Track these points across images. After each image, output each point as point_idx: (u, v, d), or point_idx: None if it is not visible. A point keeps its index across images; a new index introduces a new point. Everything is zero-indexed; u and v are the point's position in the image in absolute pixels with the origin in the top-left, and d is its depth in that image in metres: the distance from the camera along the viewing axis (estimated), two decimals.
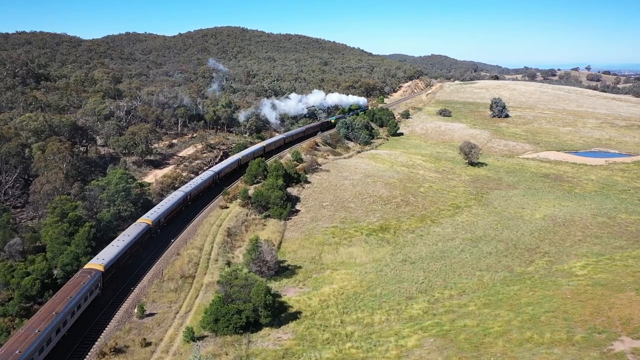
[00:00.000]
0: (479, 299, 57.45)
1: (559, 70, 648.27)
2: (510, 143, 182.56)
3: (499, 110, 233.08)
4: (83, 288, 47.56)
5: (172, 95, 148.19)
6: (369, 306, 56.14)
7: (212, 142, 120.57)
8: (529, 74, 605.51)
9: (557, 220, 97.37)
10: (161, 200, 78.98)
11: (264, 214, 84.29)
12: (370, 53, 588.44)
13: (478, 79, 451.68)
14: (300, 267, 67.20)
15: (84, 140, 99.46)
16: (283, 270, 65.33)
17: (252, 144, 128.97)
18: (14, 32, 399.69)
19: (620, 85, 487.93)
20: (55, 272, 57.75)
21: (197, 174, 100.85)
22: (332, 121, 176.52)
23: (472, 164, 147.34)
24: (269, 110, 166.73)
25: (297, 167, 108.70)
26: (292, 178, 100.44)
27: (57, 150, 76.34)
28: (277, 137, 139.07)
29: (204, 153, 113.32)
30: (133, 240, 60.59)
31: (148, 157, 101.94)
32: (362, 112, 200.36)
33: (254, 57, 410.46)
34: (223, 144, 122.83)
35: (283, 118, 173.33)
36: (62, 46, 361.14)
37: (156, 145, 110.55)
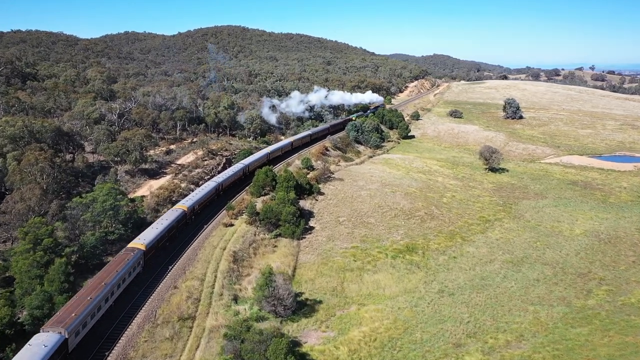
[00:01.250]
0: (544, 348, 46.86)
1: (562, 70, 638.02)
2: (529, 146, 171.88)
3: (513, 111, 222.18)
4: (127, 264, 51.98)
5: (171, 96, 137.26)
6: (410, 358, 45.49)
7: (213, 147, 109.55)
8: (533, 74, 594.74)
9: (601, 236, 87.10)
10: (155, 219, 70.36)
11: (274, 232, 73.53)
12: (373, 53, 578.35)
13: (483, 79, 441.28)
14: (320, 302, 56.51)
15: (71, 148, 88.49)
16: (301, 307, 54.62)
17: (257, 149, 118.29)
18: (9, 30, 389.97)
19: (626, 85, 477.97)
20: (23, 314, 47.09)
21: (197, 185, 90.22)
22: (353, 119, 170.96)
23: (492, 169, 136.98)
24: (267, 111, 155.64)
25: (309, 176, 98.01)
26: (304, 189, 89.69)
27: (34, 161, 65.53)
28: (304, 133, 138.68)
29: (205, 160, 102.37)
30: (170, 225, 64.19)
31: (142, 166, 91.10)
32: (371, 114, 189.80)
33: (255, 57, 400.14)
34: (226, 150, 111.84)
35: (288, 120, 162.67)
36: (58, 45, 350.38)
37: (152, 151, 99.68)
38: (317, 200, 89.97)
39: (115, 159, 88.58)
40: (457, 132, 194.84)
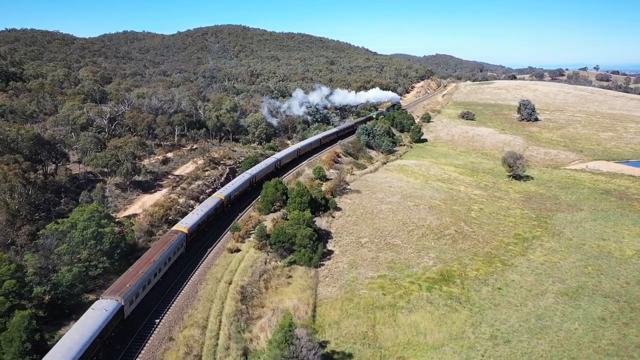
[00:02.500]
0: None
1: (566, 70, 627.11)
2: (551, 151, 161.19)
3: (528, 113, 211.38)
4: (172, 244, 55.59)
5: (168, 97, 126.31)
6: None
7: (215, 155, 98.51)
8: (537, 74, 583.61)
9: None
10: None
11: (287, 259, 62.78)
12: (376, 52, 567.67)
13: (488, 79, 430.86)
14: (350, 357, 45.69)
15: (54, 158, 77.45)
16: None
17: (262, 156, 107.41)
18: (3, 29, 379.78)
19: (632, 85, 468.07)
20: None
21: (198, 200, 79.46)
22: (374, 117, 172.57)
23: (516, 177, 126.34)
24: (267, 113, 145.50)
25: (323, 188, 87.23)
26: (319, 204, 78.89)
27: (3, 178, 54.80)
28: (331, 131, 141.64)
29: (206, 170, 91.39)
30: (209, 212, 68.52)
31: (136, 178, 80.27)
32: (382, 117, 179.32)
33: (257, 56, 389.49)
34: (229, 158, 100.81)
35: (294, 123, 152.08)
36: (53, 44, 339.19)
37: (146, 161, 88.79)
38: (333, 217, 79.14)
39: (104, 170, 77.72)
40: (471, 135, 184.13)
